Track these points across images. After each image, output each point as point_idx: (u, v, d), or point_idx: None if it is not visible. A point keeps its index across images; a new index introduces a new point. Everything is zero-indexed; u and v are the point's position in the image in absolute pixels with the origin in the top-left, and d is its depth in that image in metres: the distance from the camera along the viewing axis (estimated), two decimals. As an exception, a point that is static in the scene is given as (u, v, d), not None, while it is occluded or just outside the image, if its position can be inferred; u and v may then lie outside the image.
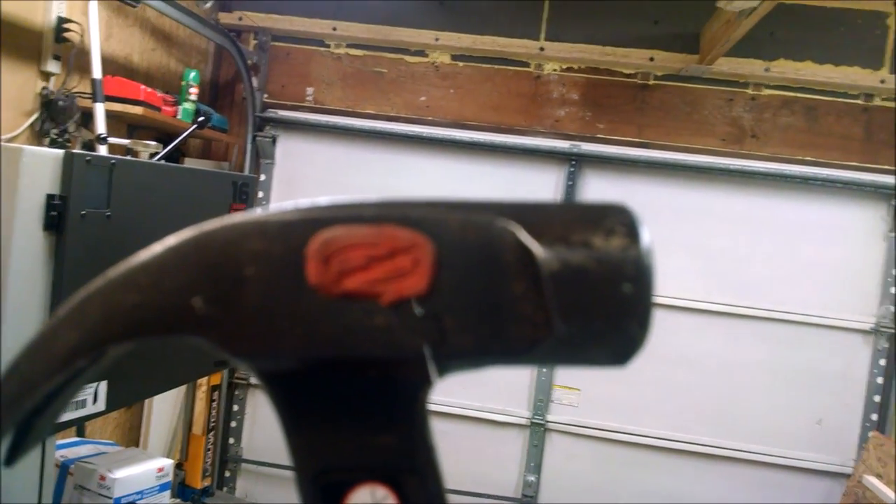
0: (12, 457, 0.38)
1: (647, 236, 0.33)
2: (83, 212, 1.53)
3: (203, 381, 1.99)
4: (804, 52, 2.97)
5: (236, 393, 3.26)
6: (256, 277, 0.33)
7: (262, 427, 3.29)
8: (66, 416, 1.50)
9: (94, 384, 1.54)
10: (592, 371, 3.10)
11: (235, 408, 3.25)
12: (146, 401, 2.51)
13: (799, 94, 3.05)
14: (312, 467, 0.35)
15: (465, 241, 0.33)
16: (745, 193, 3.06)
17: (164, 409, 2.72)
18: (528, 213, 0.33)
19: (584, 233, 0.33)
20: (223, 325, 0.33)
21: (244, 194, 2.05)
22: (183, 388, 2.18)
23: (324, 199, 0.34)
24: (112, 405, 1.59)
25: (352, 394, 0.34)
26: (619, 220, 0.33)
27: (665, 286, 2.97)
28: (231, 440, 3.24)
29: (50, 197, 1.49)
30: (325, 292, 0.32)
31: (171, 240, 0.34)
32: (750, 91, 3.08)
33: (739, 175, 3.05)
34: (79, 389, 0.38)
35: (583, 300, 0.32)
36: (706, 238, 3.06)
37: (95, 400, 1.54)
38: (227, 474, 3.21)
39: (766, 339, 3.06)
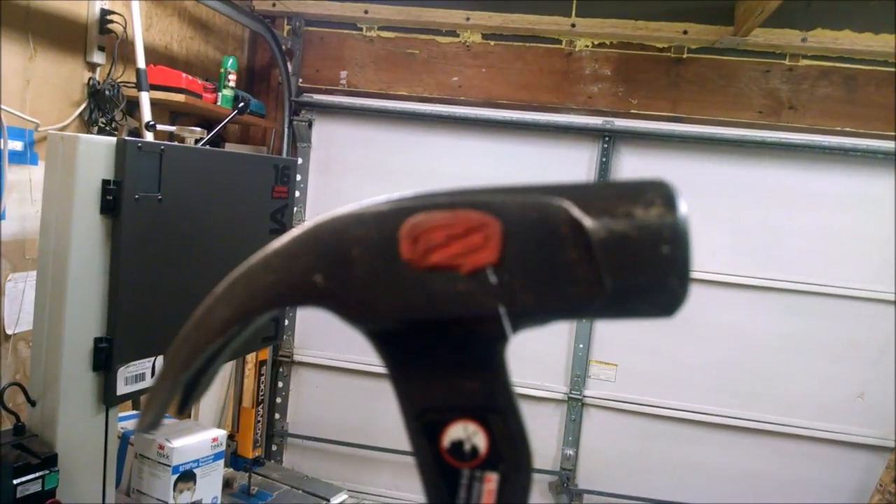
0: (182, 409, 0.48)
1: (683, 206, 0.38)
2: (136, 196, 1.60)
3: (251, 357, 2.07)
4: (842, 20, 2.91)
5: (281, 370, 3.36)
6: (361, 257, 0.40)
7: (306, 403, 3.39)
8: (127, 390, 1.58)
9: (151, 359, 1.63)
10: (629, 346, 3.13)
11: (280, 385, 3.36)
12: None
13: (837, 64, 3.00)
14: (414, 407, 0.43)
15: (526, 218, 0.39)
16: (782, 166, 3.03)
17: (212, 388, 2.82)
18: (578, 192, 0.40)
19: (627, 205, 0.39)
20: (339, 296, 0.41)
21: (286, 177, 2.11)
22: (231, 363, 2.27)
23: (409, 192, 0.42)
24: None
25: (442, 348, 0.42)
26: (658, 193, 0.39)
27: (701, 261, 2.96)
28: (277, 415, 3.35)
29: (105, 182, 1.56)
30: (415, 266, 0.40)
31: (295, 231, 0.43)
32: (787, 62, 3.03)
33: (776, 147, 3.02)
34: (229, 353, 0.47)
35: (628, 262, 0.38)
36: (742, 212, 3.04)
37: (153, 374, 1.62)
38: (274, 448, 3.32)
39: (804, 313, 3.04)
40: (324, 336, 3.33)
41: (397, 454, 3.25)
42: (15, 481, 1.35)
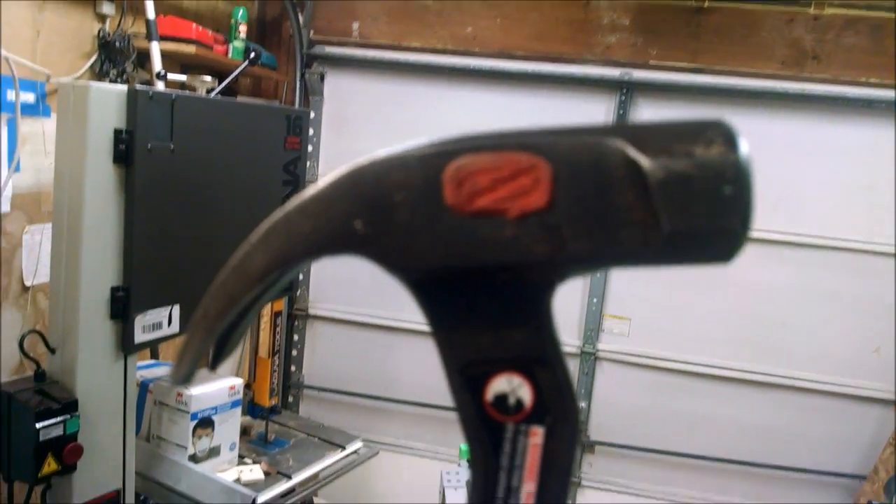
0: (216, 362, 0.48)
1: (744, 145, 0.36)
2: (149, 145, 1.59)
3: (266, 309, 2.09)
4: (871, -36, 2.81)
5: (296, 324, 3.39)
6: (404, 202, 0.38)
7: (322, 356, 3.43)
8: (145, 338, 1.61)
9: (168, 307, 1.64)
10: (643, 300, 3.12)
11: (296, 337, 3.39)
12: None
13: (864, 13, 2.90)
14: (457, 361, 0.40)
15: (578, 159, 0.37)
16: (805, 118, 2.96)
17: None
18: (633, 131, 0.37)
19: (686, 144, 0.36)
20: (380, 242, 0.39)
21: (298, 128, 2.09)
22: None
23: (453, 134, 0.40)
24: (185, 327, 1.69)
25: (487, 297, 0.40)
26: (718, 132, 0.36)
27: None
28: (293, 368, 3.40)
29: (118, 132, 1.56)
30: (460, 211, 0.38)
31: (332, 176, 0.41)
32: (811, 10, 2.94)
33: (799, 99, 2.94)
34: (266, 303, 0.46)
35: (688, 203, 0.36)
36: (762, 164, 2.96)
37: (170, 322, 1.64)
38: (290, 399, 3.38)
39: (822, 267, 3.01)
40: (339, 290, 3.35)
41: (412, 405, 3.30)
42: (37, 425, 1.39)
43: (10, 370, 1.91)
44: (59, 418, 1.42)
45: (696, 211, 0.36)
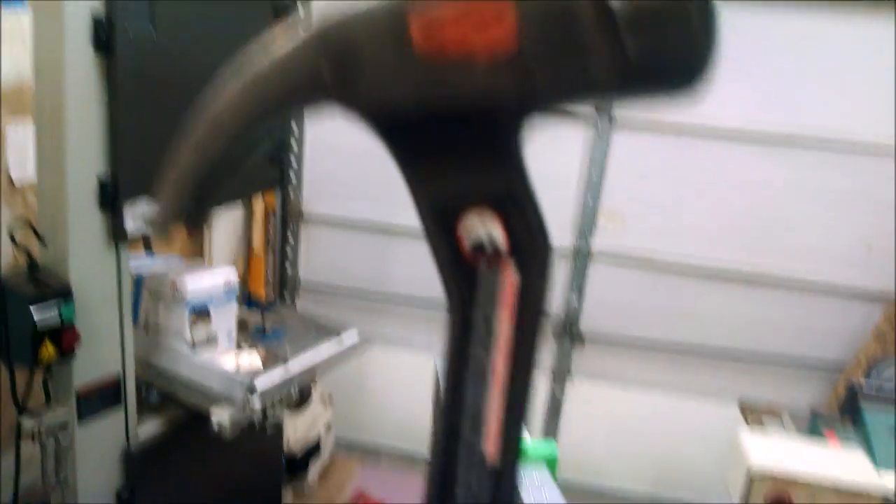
0: (194, 222, 0.49)
1: None
2: (130, 34, 1.55)
3: (258, 207, 2.08)
4: None
5: (290, 224, 3.40)
6: (371, 49, 0.38)
7: (316, 255, 3.46)
8: (136, 228, 1.61)
9: (157, 199, 1.64)
10: (637, 197, 3.11)
11: (290, 238, 3.42)
12: (205, 227, 2.65)
13: None
14: (430, 199, 0.42)
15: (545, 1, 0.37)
16: (796, 11, 2.86)
17: (221, 235, 2.88)
18: None
19: None
20: (347, 87, 0.40)
21: (283, 15, 2.02)
22: (240, 214, 2.31)
23: None
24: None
25: (457, 137, 0.40)
26: None
27: (709, 110, 2.87)
28: (288, 267, 3.45)
29: (96, 21, 1.51)
30: (428, 54, 0.37)
31: (301, 27, 0.41)
32: None
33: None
34: (244, 160, 0.46)
35: (654, 32, 0.36)
36: (752, 60, 2.89)
37: (160, 213, 1.64)
38: (286, 298, 3.43)
39: (815, 163, 2.98)
40: (332, 190, 3.34)
41: (408, 306, 3.37)
42: (32, 309, 1.41)
43: (4, 265, 1.93)
44: (52, 303, 1.44)
45: (661, 39, 0.36)
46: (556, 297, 3.31)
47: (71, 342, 1.49)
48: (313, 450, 3.18)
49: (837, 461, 1.46)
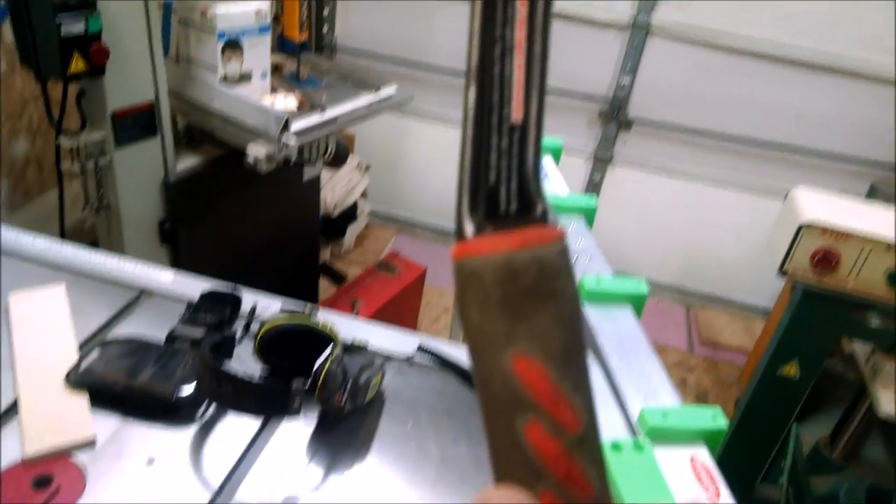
0: None
1: None
2: None
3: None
4: None
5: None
6: None
7: (355, 19, 3.29)
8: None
9: None
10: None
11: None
12: None
13: None
14: None
15: None
16: None
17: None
18: None
19: None
20: None
21: None
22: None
23: None
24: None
25: None
26: None
27: None
28: (325, 27, 3.29)
29: None
30: None
31: None
32: None
33: None
34: None
35: None
36: None
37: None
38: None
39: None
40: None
41: (450, 76, 3.23)
42: (57, 19, 1.34)
43: None
44: (78, 14, 1.36)
45: None
46: (607, 79, 3.13)
47: (100, 57, 1.43)
48: (350, 216, 3.24)
49: (893, 222, 1.38)
